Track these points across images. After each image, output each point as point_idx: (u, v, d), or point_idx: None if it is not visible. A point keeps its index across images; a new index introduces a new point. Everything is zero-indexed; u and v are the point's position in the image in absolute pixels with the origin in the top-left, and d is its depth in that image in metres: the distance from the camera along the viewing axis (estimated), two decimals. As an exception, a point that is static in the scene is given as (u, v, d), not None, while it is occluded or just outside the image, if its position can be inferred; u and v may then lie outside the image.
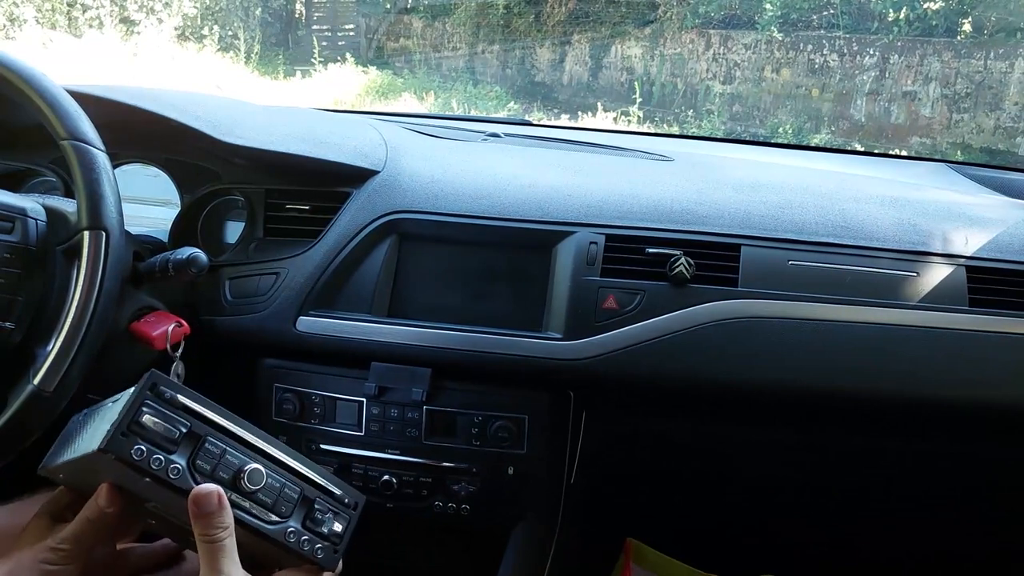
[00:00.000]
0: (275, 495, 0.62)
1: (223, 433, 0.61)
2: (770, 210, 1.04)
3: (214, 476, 0.59)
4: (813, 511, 1.24)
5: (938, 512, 1.21)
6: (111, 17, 9.03)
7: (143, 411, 0.59)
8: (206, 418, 0.61)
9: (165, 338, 0.89)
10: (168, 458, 0.58)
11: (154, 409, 0.59)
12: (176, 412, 0.60)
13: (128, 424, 0.58)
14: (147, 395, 0.59)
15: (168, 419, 0.59)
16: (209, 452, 0.60)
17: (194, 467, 0.59)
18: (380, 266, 1.03)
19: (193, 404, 0.61)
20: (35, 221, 0.84)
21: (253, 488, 0.60)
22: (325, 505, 0.65)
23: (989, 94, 5.54)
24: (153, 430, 0.58)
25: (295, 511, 0.63)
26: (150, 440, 0.58)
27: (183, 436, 0.59)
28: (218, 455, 0.60)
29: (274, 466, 0.63)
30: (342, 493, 0.67)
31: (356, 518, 0.67)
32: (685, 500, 1.27)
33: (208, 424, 0.61)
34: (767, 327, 0.96)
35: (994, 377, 0.96)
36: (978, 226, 1.04)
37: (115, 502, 0.61)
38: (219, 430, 0.61)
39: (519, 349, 0.98)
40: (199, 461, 0.59)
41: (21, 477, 0.92)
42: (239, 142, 1.05)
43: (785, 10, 6.51)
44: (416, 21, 9.68)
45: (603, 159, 1.28)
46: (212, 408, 0.62)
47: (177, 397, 0.60)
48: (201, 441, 0.60)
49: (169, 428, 0.59)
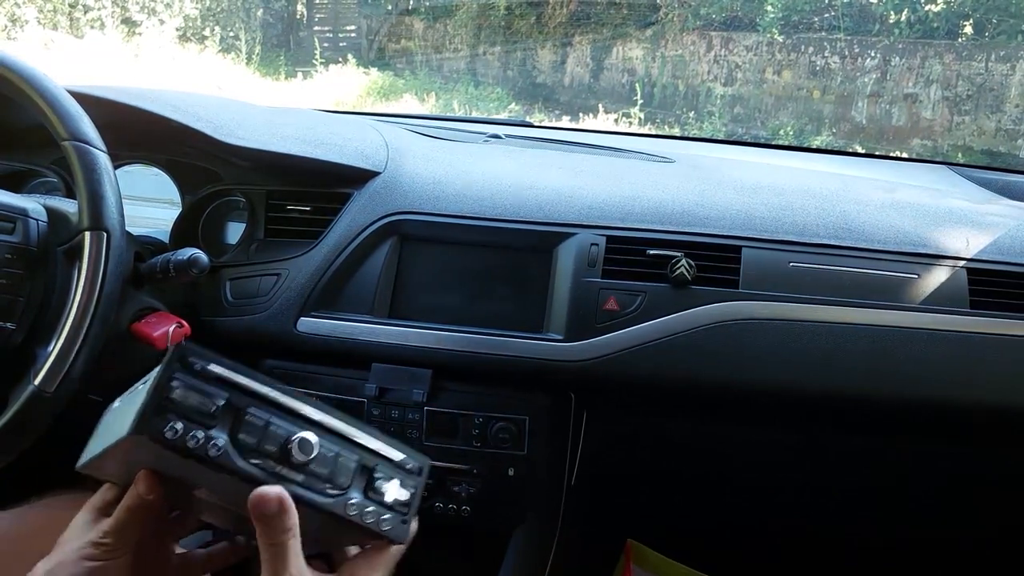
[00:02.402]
0: (330, 466, 0.55)
1: (265, 403, 0.55)
2: (771, 212, 1.04)
3: (260, 450, 0.53)
4: (813, 511, 1.24)
5: (938, 513, 1.21)
6: (112, 18, 9.04)
7: (173, 386, 0.53)
8: (244, 387, 0.55)
9: (166, 339, 0.89)
10: (207, 434, 0.52)
11: (185, 382, 0.53)
12: (210, 384, 0.54)
13: (159, 402, 0.52)
14: (176, 368, 0.54)
15: (202, 392, 0.53)
16: (251, 424, 0.54)
17: (237, 442, 0.53)
18: (381, 267, 1.03)
19: (228, 374, 0.55)
20: (36, 222, 0.84)
21: (304, 459, 0.54)
22: (387, 472, 0.58)
23: (990, 96, 5.53)
24: (186, 405, 0.53)
25: (354, 481, 0.56)
26: (185, 416, 0.52)
27: (220, 409, 0.53)
28: (262, 427, 0.54)
29: (325, 434, 0.56)
30: (404, 458, 0.59)
31: (422, 484, 0.60)
32: (686, 501, 1.27)
33: (247, 394, 0.55)
34: (768, 328, 0.96)
35: (995, 379, 0.96)
36: (979, 228, 1.04)
37: (154, 488, 0.57)
38: (260, 400, 0.55)
39: (520, 350, 0.98)
40: (242, 435, 0.53)
41: (27, 480, 0.93)
42: (240, 143, 1.05)
43: (786, 12, 6.51)
44: (417, 22, 9.68)
45: (604, 160, 1.28)
46: (250, 376, 0.55)
47: (209, 368, 0.54)
48: (241, 413, 0.54)
49: (204, 401, 0.53)
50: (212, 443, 0.52)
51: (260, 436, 0.54)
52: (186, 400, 0.53)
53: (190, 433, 0.52)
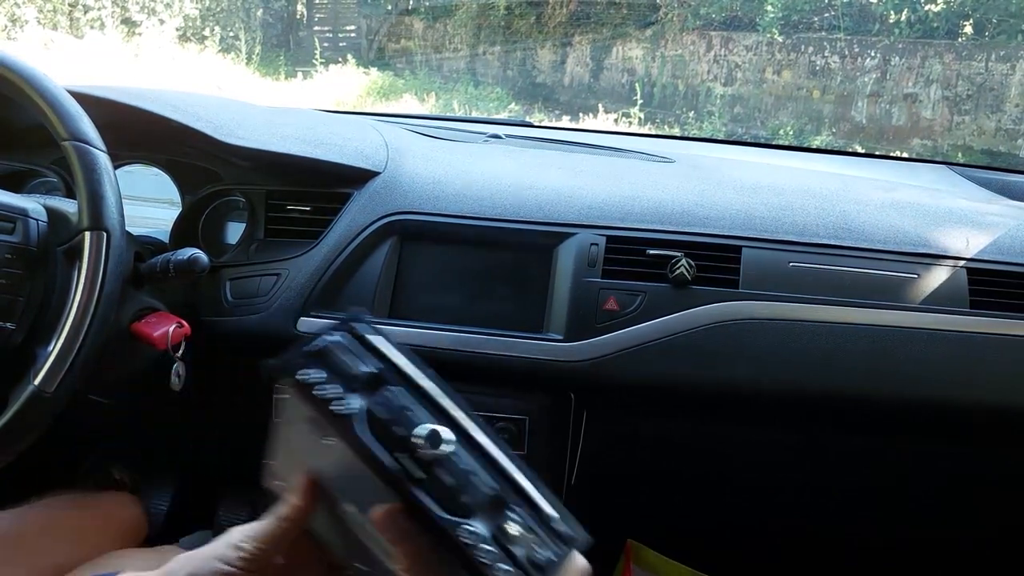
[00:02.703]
0: (459, 479, 0.46)
1: (415, 390, 0.49)
2: (771, 212, 1.04)
3: (389, 431, 0.47)
4: (813, 511, 1.24)
5: (938, 513, 1.21)
6: (112, 18, 9.03)
7: (329, 339, 0.51)
8: (400, 369, 0.50)
9: (166, 339, 0.89)
10: (343, 393, 0.48)
11: (343, 341, 0.51)
12: (368, 352, 0.50)
13: (310, 349, 0.51)
14: (340, 326, 0.51)
15: (355, 354, 0.50)
16: (390, 401, 0.48)
17: (371, 414, 0.47)
18: (381, 267, 1.03)
19: (389, 350, 0.50)
20: (36, 222, 0.84)
21: (430, 454, 0.46)
22: (527, 521, 0.46)
23: (990, 96, 5.53)
24: (335, 359, 0.50)
25: (482, 512, 0.45)
26: (330, 369, 0.49)
27: (366, 376, 0.49)
28: (398, 408, 0.48)
29: (469, 447, 0.48)
30: (557, 516, 0.47)
31: (571, 562, 0.47)
32: (686, 501, 1.27)
33: (400, 375, 0.50)
34: (768, 328, 0.96)
35: (995, 379, 0.96)
36: (979, 228, 1.04)
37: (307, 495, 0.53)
38: (411, 385, 0.49)
39: (520, 350, 0.98)
40: (377, 408, 0.48)
41: (27, 480, 0.93)
42: (240, 143, 1.05)
43: (786, 12, 6.51)
44: (417, 22, 9.68)
45: (604, 160, 1.28)
46: (414, 364, 0.50)
47: (370, 338, 0.51)
48: (383, 387, 0.49)
49: (353, 362, 0.50)
50: (344, 402, 0.48)
51: (394, 416, 0.47)
52: (336, 354, 0.50)
53: (327, 384, 0.49)
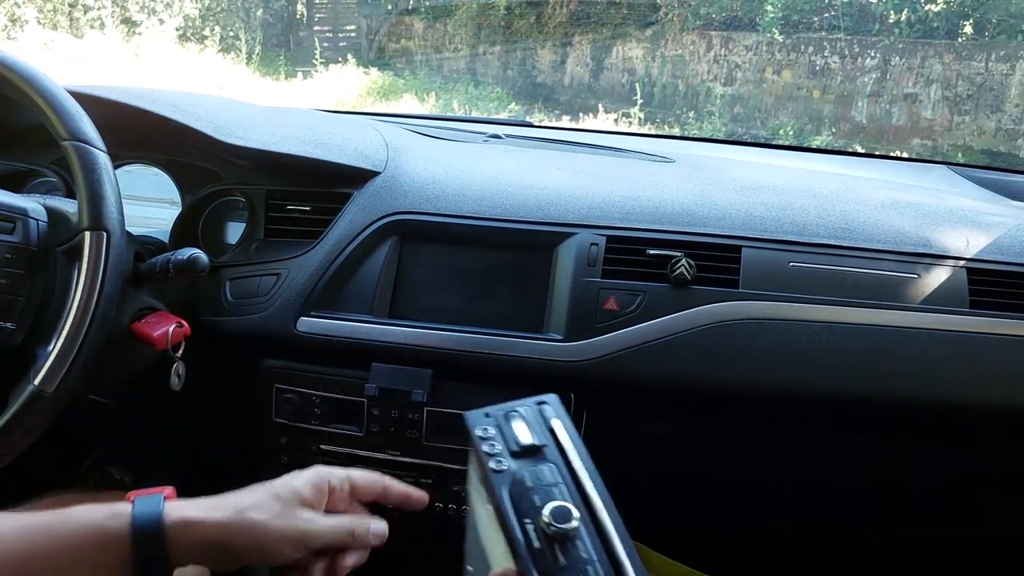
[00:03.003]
0: (572, 562, 0.47)
1: (573, 479, 0.51)
2: (771, 211, 1.04)
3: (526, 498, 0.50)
4: (813, 511, 1.24)
5: (938, 513, 1.21)
6: (112, 18, 9.04)
7: (515, 408, 0.56)
8: (568, 457, 0.53)
9: (166, 338, 0.89)
10: (506, 458, 0.52)
11: (524, 414, 0.55)
12: (543, 427, 0.54)
13: (495, 413, 0.56)
14: (532, 400, 0.57)
15: (532, 426, 0.54)
16: (540, 473, 0.51)
17: (517, 479, 0.51)
18: (381, 267, 1.03)
19: (565, 437, 0.54)
20: (36, 221, 0.84)
21: (551, 528, 0.48)
22: None
23: (990, 96, 5.54)
24: (511, 427, 0.54)
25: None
26: (504, 433, 0.54)
27: (529, 446, 0.53)
28: (545, 484, 0.51)
29: (597, 534, 0.49)
30: None
31: None
32: (686, 501, 1.27)
33: (566, 464, 0.52)
34: (768, 328, 0.96)
35: (995, 379, 0.96)
36: (979, 228, 1.04)
37: None
38: (572, 474, 0.52)
39: (520, 350, 0.98)
40: (527, 474, 0.51)
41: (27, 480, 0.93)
42: (240, 143, 1.05)
43: (786, 12, 6.51)
44: (417, 22, 9.68)
45: (604, 160, 1.28)
46: (584, 463, 0.52)
47: (547, 415, 0.55)
48: (542, 463, 0.52)
49: (525, 433, 0.54)
50: (502, 462, 0.52)
51: (537, 486, 0.50)
52: (514, 423, 0.55)
53: (496, 443, 0.53)
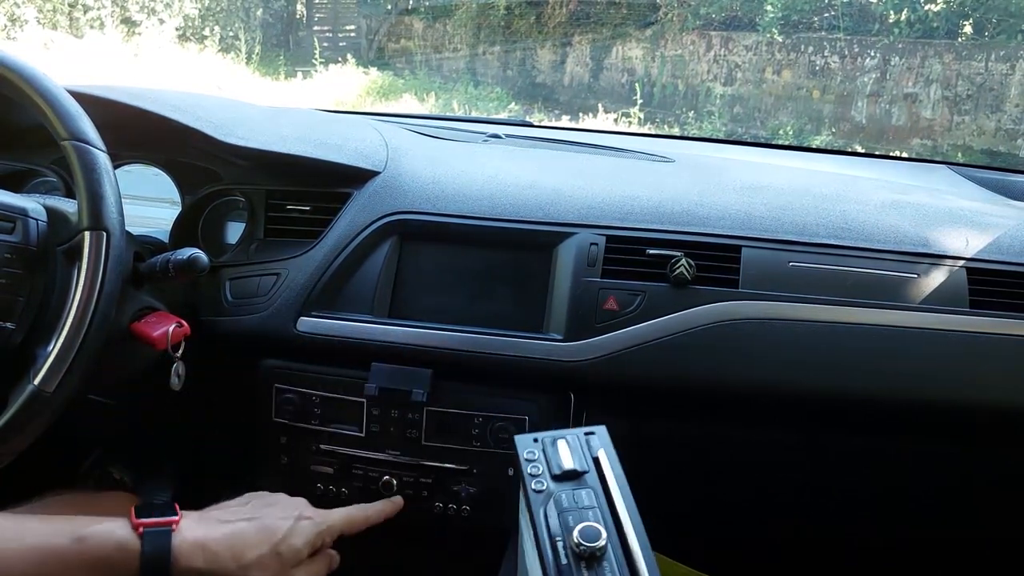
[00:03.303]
0: None
1: (609, 505, 0.56)
2: (771, 211, 1.04)
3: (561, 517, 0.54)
4: (813, 511, 1.24)
5: (938, 513, 1.21)
6: (112, 18, 9.04)
7: (560, 435, 0.60)
8: (607, 484, 0.57)
9: (166, 338, 0.89)
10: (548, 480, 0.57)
11: (570, 440, 0.59)
12: (588, 457, 0.59)
13: (543, 438, 0.60)
14: (580, 430, 0.60)
15: (576, 452, 0.59)
16: (578, 497, 0.56)
17: (556, 498, 0.56)
18: (381, 267, 1.03)
19: (608, 466, 0.58)
20: (36, 221, 0.84)
21: (579, 546, 0.52)
22: None
23: (990, 96, 5.54)
24: (556, 451, 0.58)
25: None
26: (548, 456, 0.58)
27: (572, 472, 0.57)
28: (582, 507, 0.55)
29: (624, 556, 0.54)
30: None
31: None
32: (686, 501, 1.27)
33: (604, 488, 0.57)
34: (767, 328, 0.96)
35: (995, 378, 0.96)
36: (979, 228, 1.04)
37: None
38: (608, 500, 0.56)
39: (520, 350, 0.98)
40: (564, 495, 0.56)
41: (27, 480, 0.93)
42: (240, 143, 1.05)
43: (786, 12, 6.51)
44: (417, 22, 9.68)
45: (604, 160, 1.28)
46: (622, 490, 0.57)
47: (593, 442, 0.60)
48: (580, 484, 0.57)
49: (568, 458, 0.58)
50: (543, 483, 0.57)
51: (573, 507, 0.55)
52: (560, 448, 0.59)
53: (538, 469, 0.57)
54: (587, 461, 0.58)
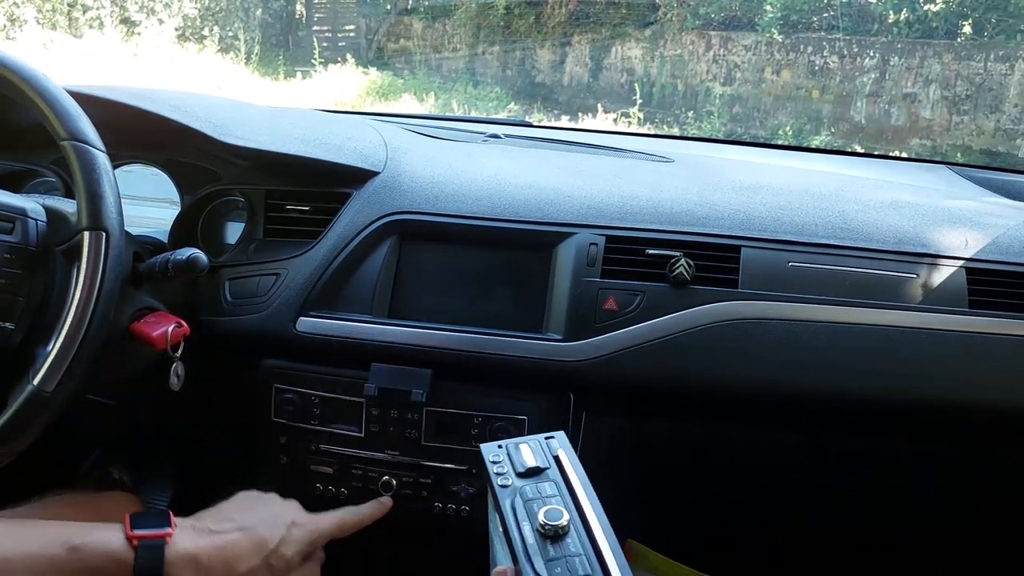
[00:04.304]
0: (561, 555, 0.55)
1: (571, 496, 0.59)
2: (770, 211, 1.04)
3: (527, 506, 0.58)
4: (813, 511, 1.24)
5: (938, 513, 1.21)
6: (111, 18, 9.04)
7: (521, 441, 0.63)
8: (569, 479, 0.60)
9: (165, 338, 0.89)
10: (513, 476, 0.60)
11: (531, 444, 0.63)
12: (548, 454, 0.62)
13: (505, 444, 0.63)
14: (541, 435, 0.64)
15: (537, 453, 0.62)
16: (540, 487, 0.60)
17: (523, 492, 0.59)
18: (380, 267, 1.03)
19: (568, 463, 0.62)
20: (35, 221, 0.84)
21: (544, 525, 0.56)
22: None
23: (989, 96, 5.54)
24: (519, 452, 0.62)
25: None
26: (512, 457, 0.61)
27: (534, 469, 0.61)
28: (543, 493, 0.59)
29: (587, 535, 0.57)
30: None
31: None
32: (685, 501, 1.27)
33: (566, 483, 0.60)
34: (767, 328, 0.96)
35: (994, 378, 0.96)
36: (978, 228, 1.04)
37: None
38: (570, 491, 0.60)
39: (519, 350, 0.98)
40: (528, 488, 0.59)
41: (27, 480, 0.93)
42: (239, 143, 1.05)
43: (785, 12, 6.52)
44: (416, 22, 9.68)
45: (603, 160, 1.28)
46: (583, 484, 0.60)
47: (553, 444, 0.63)
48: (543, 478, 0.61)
49: (531, 457, 0.61)
50: (506, 478, 0.60)
51: (537, 497, 0.59)
52: (522, 450, 0.62)
53: (503, 469, 0.61)
54: (548, 459, 0.62)
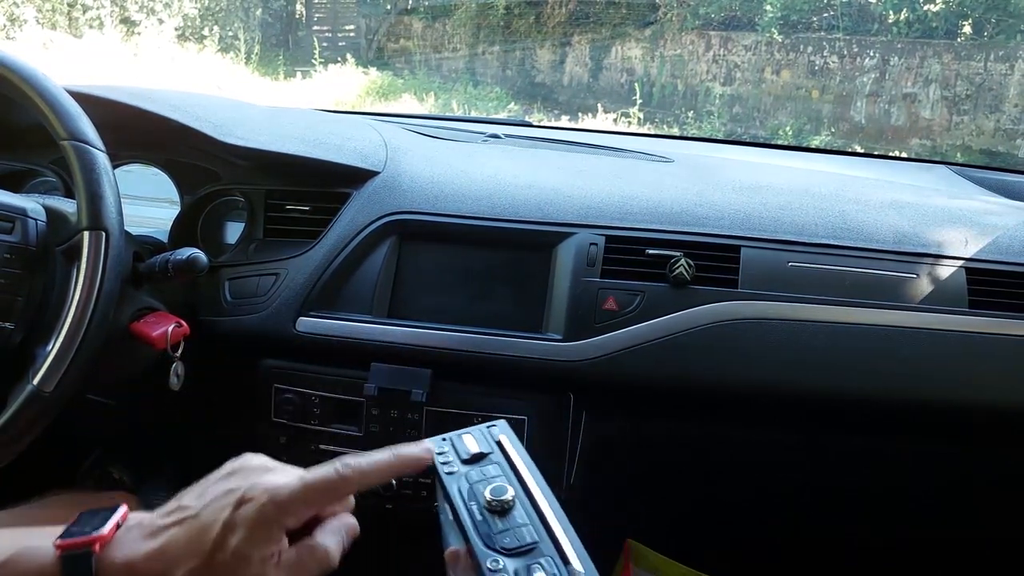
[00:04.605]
0: (508, 527, 0.56)
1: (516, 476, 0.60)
2: (770, 211, 1.04)
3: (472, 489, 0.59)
4: (813, 511, 1.24)
5: (938, 513, 1.21)
6: (111, 17, 9.03)
7: (470, 431, 0.64)
8: (512, 461, 0.61)
9: (165, 338, 0.89)
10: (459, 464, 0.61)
11: (474, 434, 0.64)
12: (490, 440, 0.63)
13: (448, 437, 0.63)
14: (483, 425, 0.65)
15: (480, 441, 0.63)
16: (484, 470, 0.61)
17: (468, 476, 0.60)
18: (380, 267, 1.03)
19: (505, 441, 0.63)
20: (35, 221, 0.84)
21: (489, 501, 0.57)
22: (554, 569, 0.54)
23: (989, 96, 5.54)
24: (462, 442, 0.63)
25: (517, 554, 0.55)
26: (456, 447, 0.62)
27: (477, 455, 0.62)
28: (487, 474, 0.60)
29: (532, 507, 0.58)
30: (582, 571, 0.54)
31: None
32: (685, 501, 1.27)
33: (510, 464, 0.61)
34: (767, 328, 0.96)
35: (994, 378, 0.96)
36: (978, 228, 1.04)
37: None
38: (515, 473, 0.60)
39: (519, 350, 0.98)
40: (473, 472, 0.60)
41: (27, 480, 0.93)
42: (239, 142, 1.05)
43: (785, 12, 6.51)
44: (416, 22, 9.68)
45: (603, 160, 1.28)
46: (527, 465, 0.61)
47: (495, 431, 0.64)
48: (487, 461, 0.62)
49: (474, 445, 0.62)
50: (453, 468, 0.61)
51: (482, 479, 0.60)
52: (464, 439, 0.63)
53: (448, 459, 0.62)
54: (492, 445, 0.63)
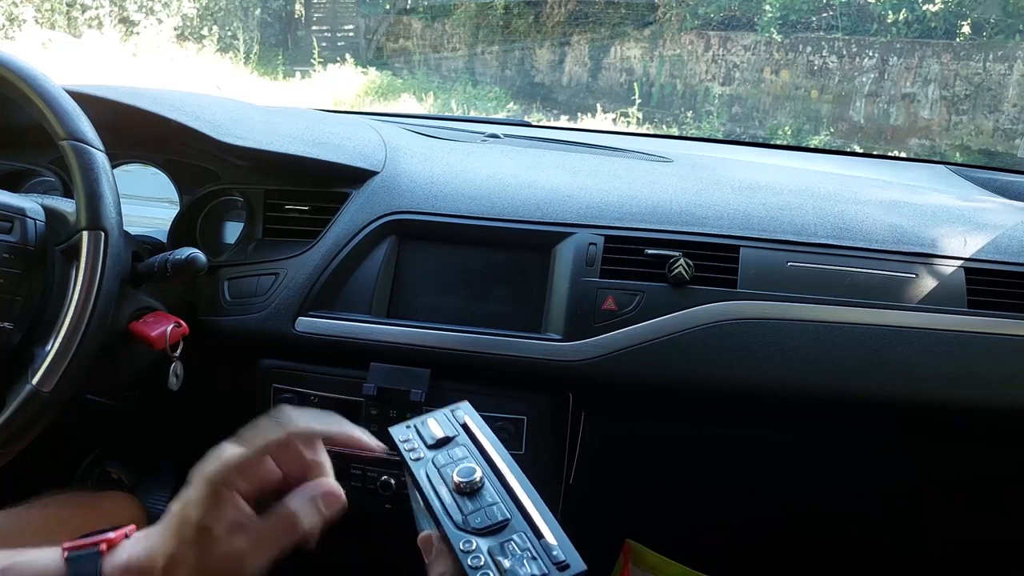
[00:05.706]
0: (479, 506, 0.56)
1: (483, 455, 0.60)
2: (769, 211, 1.04)
3: (441, 472, 0.59)
4: (812, 511, 1.24)
5: (937, 513, 1.21)
6: (110, 17, 9.02)
7: (426, 417, 0.63)
8: (478, 441, 0.61)
9: (164, 338, 0.89)
10: (419, 448, 0.61)
11: (437, 418, 0.63)
12: (454, 423, 0.63)
13: (411, 424, 0.63)
14: (447, 408, 0.64)
15: (444, 425, 0.63)
16: (451, 453, 0.60)
17: (435, 461, 0.60)
18: (379, 267, 1.03)
19: (470, 423, 0.63)
20: (34, 221, 0.84)
21: (459, 481, 0.57)
22: (527, 544, 0.53)
23: (988, 96, 5.54)
24: (426, 428, 0.63)
25: (490, 533, 0.54)
26: (420, 434, 0.62)
27: (442, 439, 0.61)
28: (455, 456, 0.60)
29: (501, 485, 0.57)
30: (556, 544, 0.53)
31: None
32: (684, 501, 1.27)
33: (476, 445, 0.61)
34: (766, 328, 0.96)
35: (993, 378, 0.96)
36: (977, 228, 1.04)
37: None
38: (482, 453, 0.60)
39: (518, 350, 0.98)
40: (440, 456, 0.60)
41: (27, 480, 0.93)
42: (238, 142, 1.05)
43: (784, 12, 6.51)
44: (415, 22, 9.67)
45: (602, 160, 1.28)
46: (493, 443, 0.61)
47: (459, 414, 0.64)
48: (453, 444, 0.61)
49: (438, 429, 0.62)
50: (419, 454, 0.61)
51: (449, 462, 0.60)
52: (428, 425, 0.63)
53: (414, 445, 0.61)
54: (456, 428, 0.63)
